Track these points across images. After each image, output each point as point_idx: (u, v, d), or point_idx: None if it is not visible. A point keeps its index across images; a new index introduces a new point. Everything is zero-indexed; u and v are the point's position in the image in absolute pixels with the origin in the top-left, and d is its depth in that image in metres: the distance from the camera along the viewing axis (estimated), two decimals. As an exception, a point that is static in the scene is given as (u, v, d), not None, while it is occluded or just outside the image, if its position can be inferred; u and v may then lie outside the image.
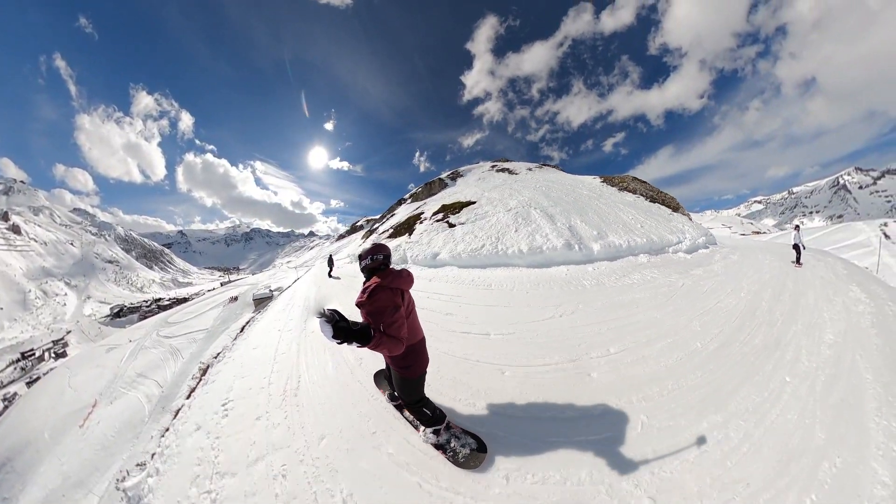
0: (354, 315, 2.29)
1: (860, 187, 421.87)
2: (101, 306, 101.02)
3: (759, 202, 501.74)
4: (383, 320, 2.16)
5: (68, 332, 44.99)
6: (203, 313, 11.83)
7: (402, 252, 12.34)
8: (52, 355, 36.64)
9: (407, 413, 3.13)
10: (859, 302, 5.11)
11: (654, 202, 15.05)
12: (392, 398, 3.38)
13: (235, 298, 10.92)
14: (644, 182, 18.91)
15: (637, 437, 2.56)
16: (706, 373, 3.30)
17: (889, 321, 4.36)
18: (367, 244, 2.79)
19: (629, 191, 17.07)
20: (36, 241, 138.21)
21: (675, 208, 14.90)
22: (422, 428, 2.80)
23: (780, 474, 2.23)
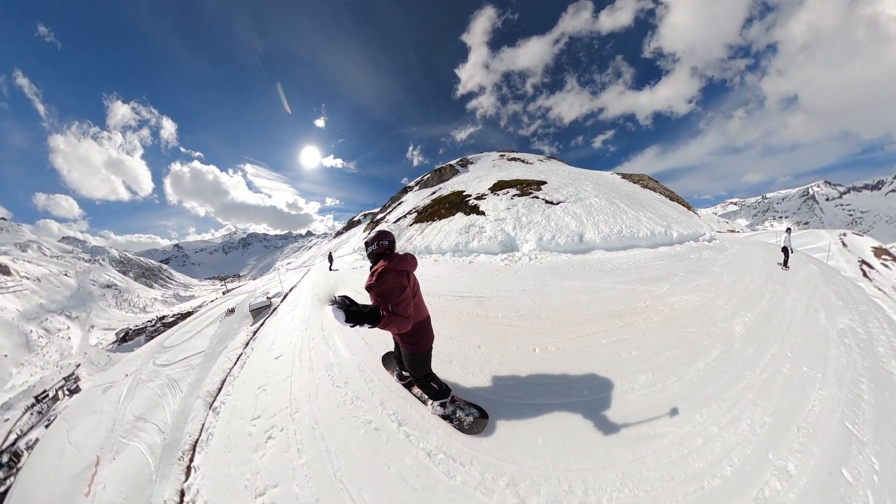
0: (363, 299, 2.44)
1: (827, 199, 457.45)
2: (107, 333, 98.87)
3: (735, 204, 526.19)
4: (391, 300, 2.29)
5: (78, 366, 43.57)
6: (199, 331, 10.24)
7: (500, 235, 10.27)
8: (66, 392, 35.32)
9: (416, 389, 3.31)
10: (815, 269, 8.97)
11: (673, 200, 16.06)
12: (401, 377, 3.53)
13: (232, 311, 9.35)
14: (657, 181, 19.57)
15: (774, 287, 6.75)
16: (776, 282, 7.11)
17: (827, 274, 8.58)
18: (373, 232, 2.86)
19: (650, 189, 17.29)
20: (28, 279, 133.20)
21: (689, 207, 16.66)
22: (430, 401, 3.01)
23: (798, 298, 5.94)
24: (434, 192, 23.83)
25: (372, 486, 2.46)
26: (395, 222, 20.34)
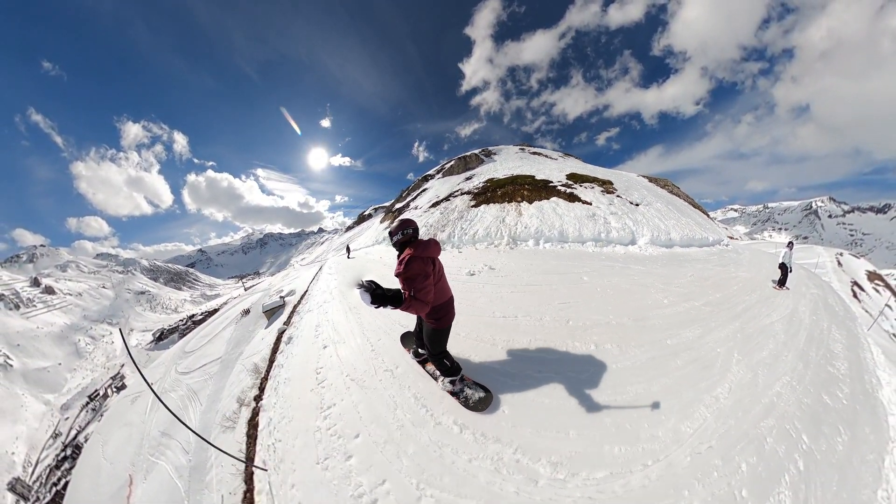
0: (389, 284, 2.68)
1: (830, 216, 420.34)
2: (145, 334, 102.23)
3: (735, 210, 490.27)
4: (414, 286, 2.39)
5: (122, 366, 44.50)
6: (217, 335, 9.43)
7: (625, 228, 10.56)
8: (114, 390, 36.15)
9: (429, 367, 3.43)
10: (802, 272, 10.08)
11: (696, 208, 16.23)
12: (416, 355, 3.62)
13: (247, 311, 8.49)
14: (678, 187, 19.40)
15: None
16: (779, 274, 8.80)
17: (809, 275, 10.11)
18: (395, 222, 2.76)
19: (675, 195, 16.94)
20: (71, 295, 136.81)
21: (707, 215, 16.53)
22: (440, 378, 3.12)
23: (791, 280, 8.20)
24: (469, 178, 22.35)
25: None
26: (431, 206, 18.48)
